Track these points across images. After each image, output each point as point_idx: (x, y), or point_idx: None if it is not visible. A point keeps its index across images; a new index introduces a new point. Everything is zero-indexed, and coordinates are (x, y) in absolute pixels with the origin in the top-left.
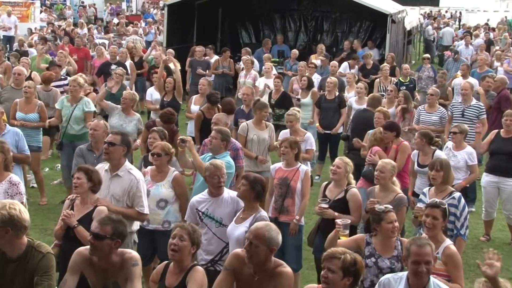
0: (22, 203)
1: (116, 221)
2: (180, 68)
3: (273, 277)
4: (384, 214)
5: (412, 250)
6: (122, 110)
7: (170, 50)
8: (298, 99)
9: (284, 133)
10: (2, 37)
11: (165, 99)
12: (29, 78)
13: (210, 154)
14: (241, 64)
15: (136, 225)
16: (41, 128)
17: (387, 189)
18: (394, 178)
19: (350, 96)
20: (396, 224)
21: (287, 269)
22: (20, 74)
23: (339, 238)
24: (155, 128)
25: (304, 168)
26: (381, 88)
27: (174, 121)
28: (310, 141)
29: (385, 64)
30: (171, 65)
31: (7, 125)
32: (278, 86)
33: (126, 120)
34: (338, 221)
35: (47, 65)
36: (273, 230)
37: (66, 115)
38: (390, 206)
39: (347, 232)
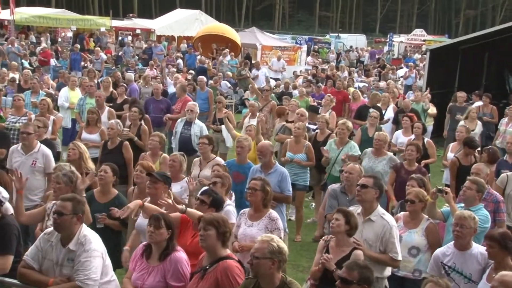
0: (280, 238)
1: (362, 267)
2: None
3: None
4: None
5: None
6: (373, 152)
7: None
8: None
9: None
10: (270, 79)
11: None
12: None
13: (462, 204)
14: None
15: (388, 271)
16: (309, 168)
17: None
18: None
19: None
20: None
21: None
22: (302, 115)
23: None
24: (413, 176)
25: None
26: None
27: None
28: None
29: None
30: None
31: (277, 163)
32: None
33: (376, 161)
34: None
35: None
36: None
37: (332, 158)
38: None
39: None
